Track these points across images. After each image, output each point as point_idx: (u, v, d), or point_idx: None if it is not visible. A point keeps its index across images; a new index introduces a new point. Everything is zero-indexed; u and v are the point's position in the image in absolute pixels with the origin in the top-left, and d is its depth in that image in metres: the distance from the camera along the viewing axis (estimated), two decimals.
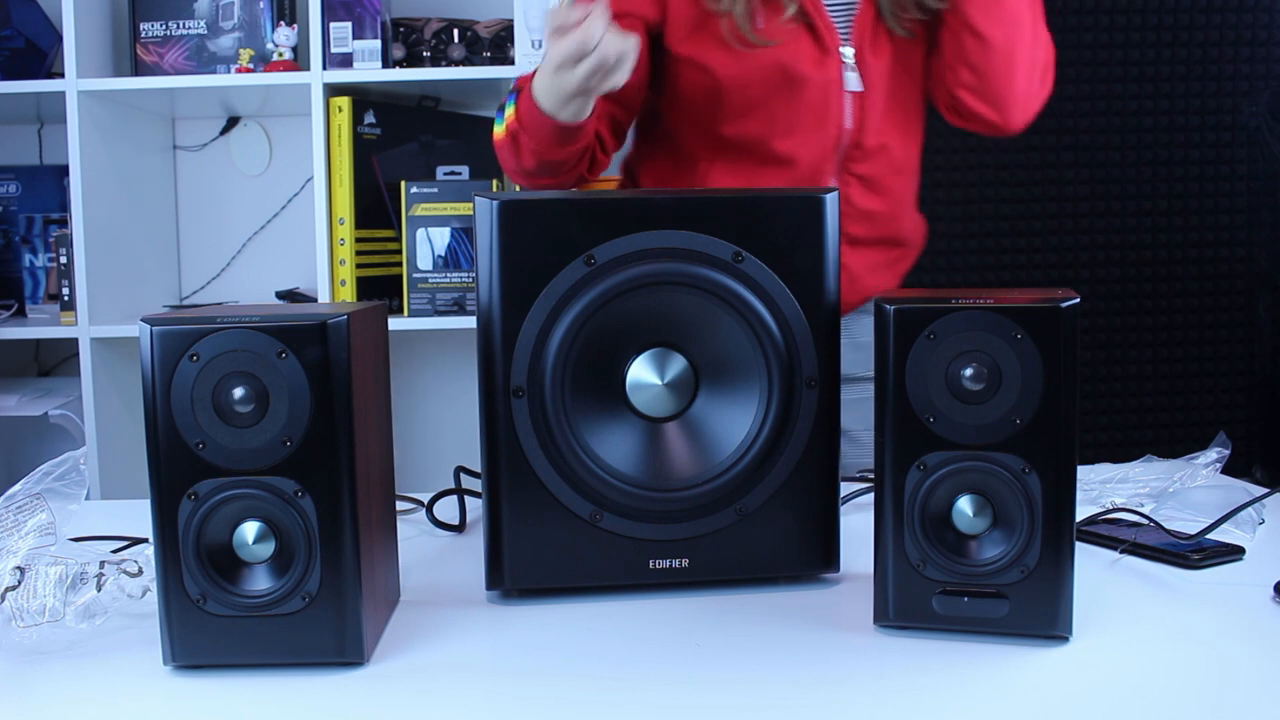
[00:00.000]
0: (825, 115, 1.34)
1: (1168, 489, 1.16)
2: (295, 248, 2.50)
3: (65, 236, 2.26)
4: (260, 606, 0.75)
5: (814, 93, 1.34)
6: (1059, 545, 0.77)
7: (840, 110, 1.35)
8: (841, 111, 1.35)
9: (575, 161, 1.34)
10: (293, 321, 0.74)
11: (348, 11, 2.19)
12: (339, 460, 0.75)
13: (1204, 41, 2.77)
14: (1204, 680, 0.73)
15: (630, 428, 0.90)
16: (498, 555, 0.89)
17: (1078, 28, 2.73)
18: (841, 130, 1.35)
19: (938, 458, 0.79)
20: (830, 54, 1.33)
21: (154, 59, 2.32)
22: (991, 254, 2.77)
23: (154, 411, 0.74)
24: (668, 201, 0.89)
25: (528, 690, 0.74)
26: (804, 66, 1.33)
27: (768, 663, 0.77)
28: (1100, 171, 2.78)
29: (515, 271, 0.87)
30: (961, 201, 2.75)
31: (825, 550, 0.92)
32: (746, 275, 0.89)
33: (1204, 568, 0.95)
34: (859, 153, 1.37)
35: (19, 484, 0.86)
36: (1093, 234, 2.79)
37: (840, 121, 1.35)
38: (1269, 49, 2.79)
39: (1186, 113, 2.79)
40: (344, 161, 2.18)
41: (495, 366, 0.88)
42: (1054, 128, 2.75)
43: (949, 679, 0.74)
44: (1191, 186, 2.81)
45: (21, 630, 0.80)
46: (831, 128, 1.35)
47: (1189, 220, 2.81)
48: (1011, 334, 0.77)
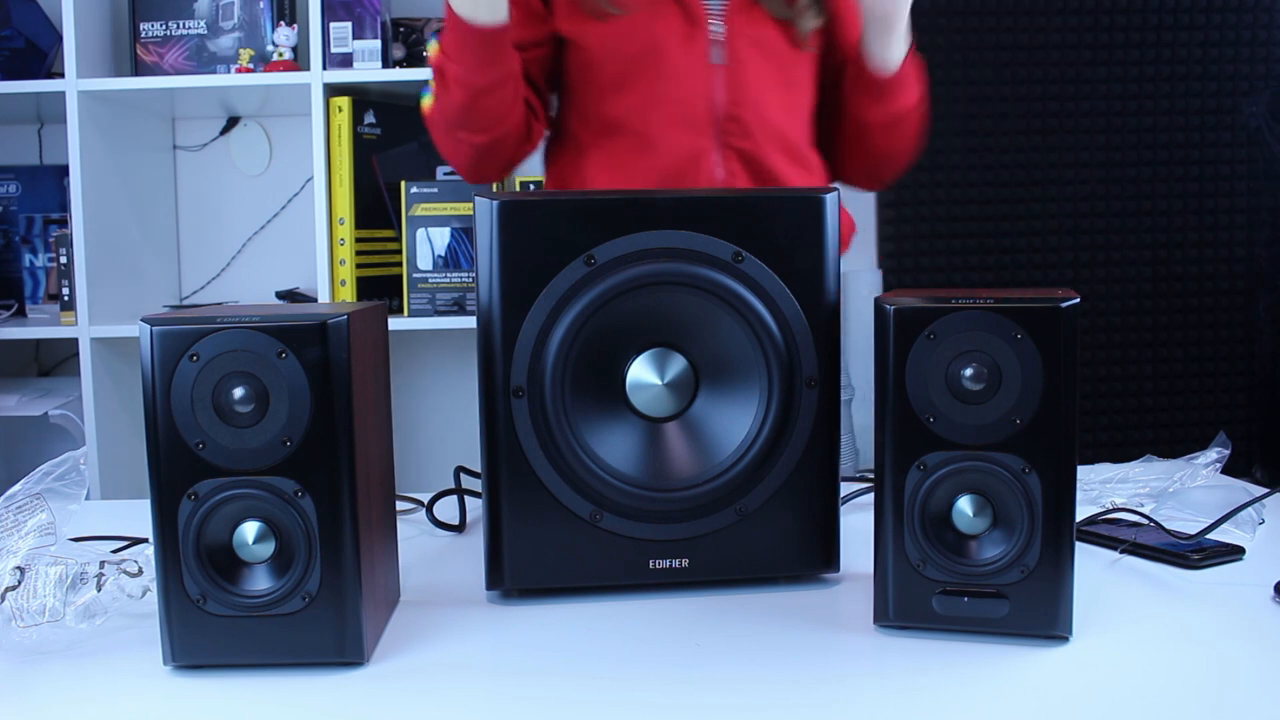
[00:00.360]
0: (692, 89, 1.34)
1: (1168, 489, 1.16)
2: (295, 248, 2.50)
3: (65, 236, 2.26)
4: (260, 606, 0.75)
5: (679, 66, 1.33)
6: (1059, 545, 0.77)
7: (708, 84, 1.34)
8: (710, 85, 1.34)
9: (508, 104, 1.33)
10: (293, 321, 0.74)
11: (348, 11, 2.19)
12: (339, 460, 0.75)
13: (1204, 41, 2.77)
14: (1204, 680, 0.73)
15: (630, 428, 0.90)
16: (498, 555, 0.89)
17: (1078, 28, 2.73)
18: (712, 104, 1.34)
19: (938, 458, 0.79)
20: (699, 27, 1.33)
21: (154, 59, 2.32)
22: (991, 254, 2.77)
23: (154, 411, 0.74)
24: (668, 201, 0.89)
25: (528, 690, 0.74)
26: (670, 40, 1.33)
27: (768, 663, 0.77)
28: (1100, 171, 2.78)
29: (515, 271, 0.87)
30: (961, 201, 2.75)
31: (825, 550, 0.92)
32: (746, 275, 0.89)
33: (1204, 568, 0.95)
34: (736, 126, 1.35)
35: (19, 484, 0.86)
36: (1093, 234, 2.79)
37: (709, 95, 1.34)
38: (1269, 49, 2.79)
39: (1186, 113, 2.79)
40: (344, 161, 2.18)
41: (495, 366, 0.88)
42: (1054, 128, 2.75)
43: (949, 679, 0.74)
44: (1191, 186, 2.81)
45: (21, 630, 0.80)
46: (700, 101, 1.34)
47: (1189, 220, 2.81)
48: (1011, 334, 0.77)
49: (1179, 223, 2.81)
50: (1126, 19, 2.74)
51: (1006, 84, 2.74)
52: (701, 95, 1.34)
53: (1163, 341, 2.83)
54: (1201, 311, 2.83)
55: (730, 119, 1.35)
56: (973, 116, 2.74)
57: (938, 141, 2.78)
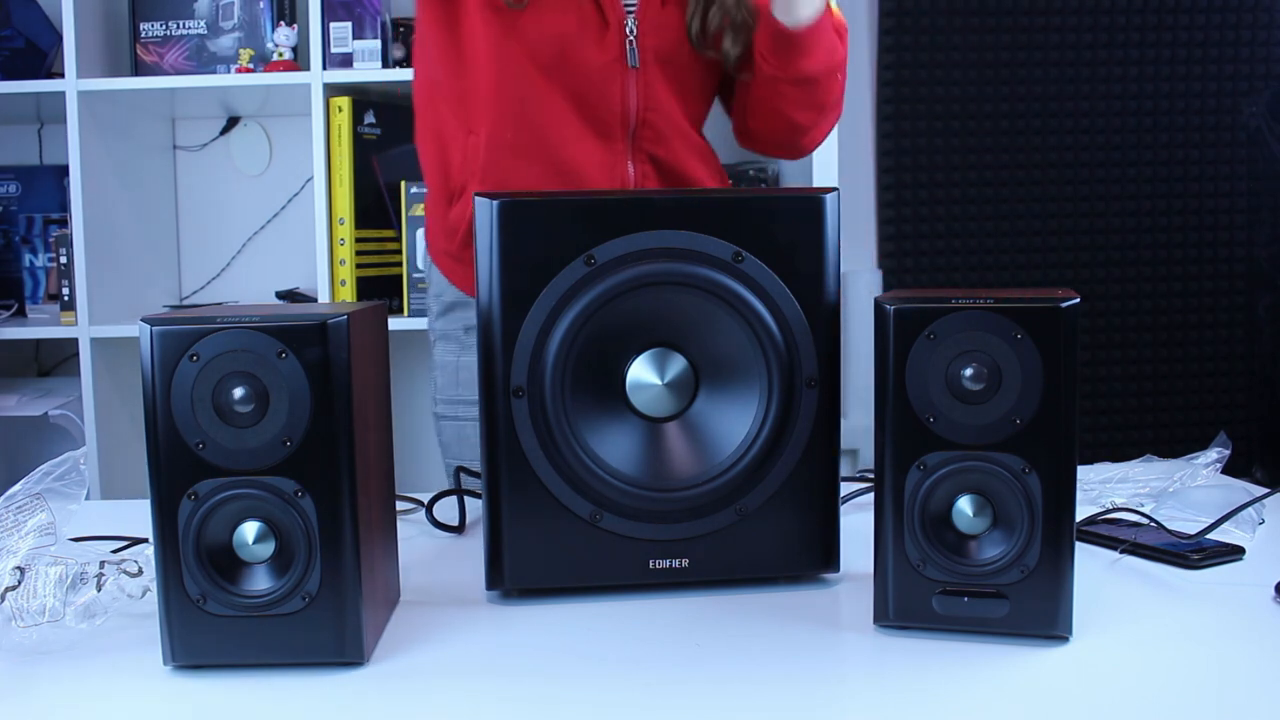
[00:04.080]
0: (606, 92, 1.30)
1: (1168, 489, 1.16)
2: (295, 248, 2.50)
3: (65, 236, 2.26)
4: (260, 606, 0.75)
5: (594, 68, 1.29)
6: (1059, 545, 0.77)
7: (623, 87, 1.31)
8: (625, 88, 1.31)
9: None
10: (293, 321, 0.74)
11: (348, 11, 2.19)
12: (339, 460, 0.75)
13: (1204, 41, 2.77)
14: (1204, 680, 0.73)
15: (630, 428, 0.90)
16: (498, 555, 0.89)
17: (1078, 28, 2.73)
18: (626, 109, 1.31)
19: (938, 458, 0.79)
20: (611, 29, 1.29)
21: (154, 59, 2.32)
22: (991, 254, 2.77)
23: (154, 411, 0.74)
24: (668, 201, 0.89)
25: (528, 690, 0.74)
26: (583, 39, 1.28)
27: (768, 663, 0.77)
28: (1100, 171, 2.78)
29: (515, 271, 0.87)
30: (961, 201, 2.75)
31: (825, 550, 0.92)
32: (746, 275, 0.89)
33: (1204, 568, 0.95)
34: (650, 132, 1.33)
35: (19, 484, 0.86)
36: (1092, 234, 2.79)
37: (625, 100, 1.31)
38: (1269, 49, 2.79)
39: (1186, 113, 2.79)
40: (344, 161, 2.18)
41: (495, 366, 0.88)
42: (1054, 128, 2.75)
43: (949, 679, 0.74)
44: (1191, 186, 2.81)
45: (21, 630, 0.80)
46: (614, 105, 1.31)
47: (1189, 220, 2.81)
48: (1011, 334, 0.77)
49: (1179, 223, 2.81)
50: (1126, 19, 2.74)
51: (1006, 84, 2.74)
52: (616, 99, 1.31)
53: (1163, 341, 2.82)
54: (1201, 311, 2.83)
55: (643, 124, 1.32)
56: (972, 116, 2.74)
57: (938, 141, 2.80)
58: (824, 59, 1.32)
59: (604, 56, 1.30)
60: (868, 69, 2.73)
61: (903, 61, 2.72)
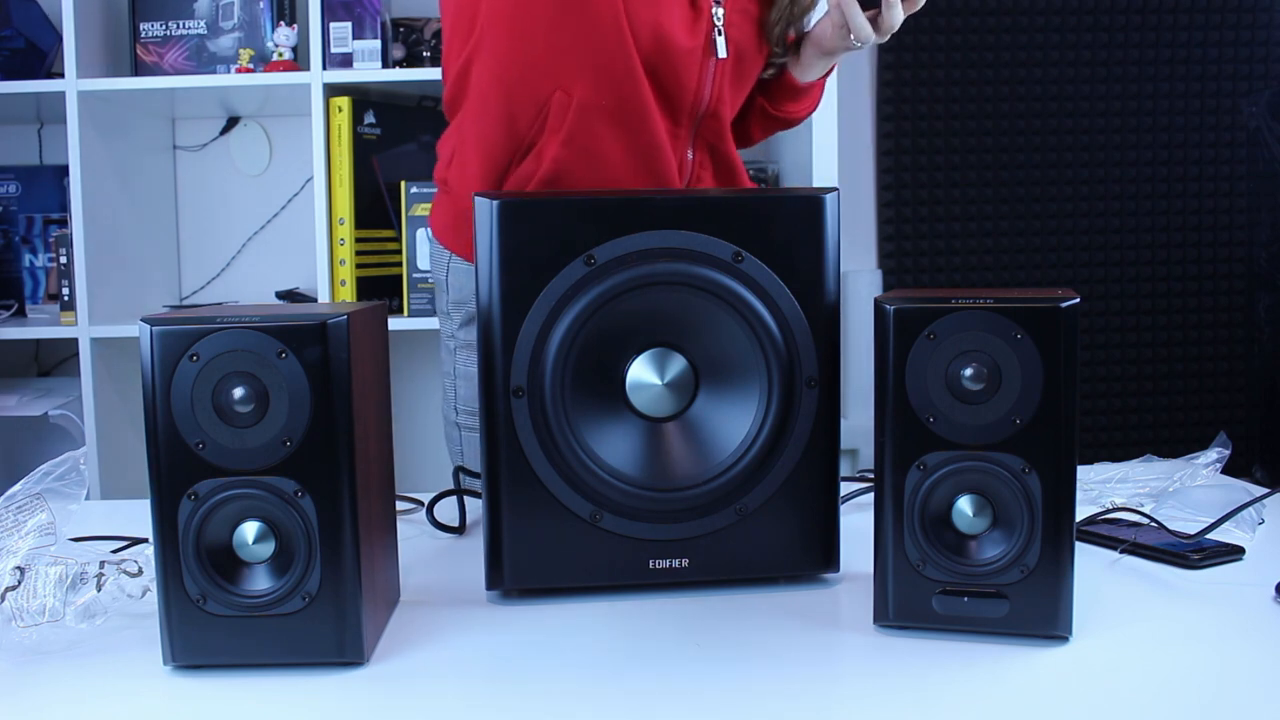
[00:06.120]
0: (684, 78, 1.25)
1: (1168, 489, 1.16)
2: (295, 248, 2.50)
3: (65, 236, 2.26)
4: (260, 606, 0.75)
5: (679, 53, 1.25)
6: (1059, 545, 0.77)
7: (701, 75, 1.26)
8: (703, 77, 1.26)
9: None
10: (293, 321, 0.74)
11: (348, 11, 2.19)
12: (339, 460, 0.75)
13: (1204, 41, 2.77)
14: (1204, 680, 0.73)
15: (630, 428, 0.90)
16: (498, 555, 0.89)
17: (1078, 28, 2.73)
18: (699, 98, 1.27)
19: (938, 458, 0.79)
20: (701, 17, 1.25)
21: (154, 59, 2.32)
22: (991, 254, 2.78)
23: (154, 411, 0.74)
24: (668, 201, 0.89)
25: (528, 690, 0.74)
26: (674, 27, 1.24)
27: (768, 663, 0.77)
28: (1100, 171, 2.78)
29: (515, 271, 0.87)
30: (961, 201, 2.75)
31: (825, 550, 0.92)
32: (746, 275, 0.89)
33: (1204, 568, 0.95)
34: (715, 124, 1.31)
35: (19, 484, 0.86)
36: (1092, 234, 2.79)
37: (700, 88, 1.27)
38: (1269, 49, 2.79)
39: (1186, 113, 2.79)
40: (344, 161, 2.18)
41: (495, 366, 0.88)
42: (1054, 128, 2.75)
43: (949, 679, 0.74)
44: (1191, 186, 2.81)
45: (21, 630, 0.80)
46: (689, 92, 1.26)
47: (1189, 220, 2.82)
48: (1011, 334, 0.77)
49: (1179, 223, 2.81)
50: (1126, 19, 2.74)
51: (1006, 84, 2.74)
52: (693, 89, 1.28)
53: (1163, 341, 2.83)
54: (1201, 311, 2.83)
55: (711, 115, 1.30)
56: (972, 117, 2.74)
57: (938, 141, 2.80)
58: (813, 105, 1.43)
59: (692, 42, 1.26)
60: (868, 69, 2.73)
61: (903, 62, 2.72)
